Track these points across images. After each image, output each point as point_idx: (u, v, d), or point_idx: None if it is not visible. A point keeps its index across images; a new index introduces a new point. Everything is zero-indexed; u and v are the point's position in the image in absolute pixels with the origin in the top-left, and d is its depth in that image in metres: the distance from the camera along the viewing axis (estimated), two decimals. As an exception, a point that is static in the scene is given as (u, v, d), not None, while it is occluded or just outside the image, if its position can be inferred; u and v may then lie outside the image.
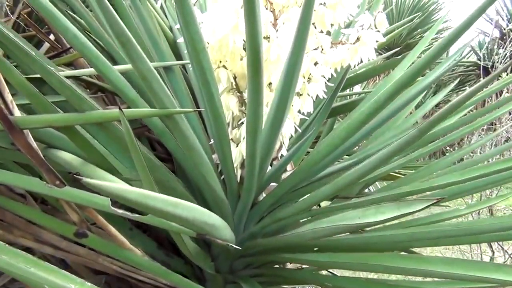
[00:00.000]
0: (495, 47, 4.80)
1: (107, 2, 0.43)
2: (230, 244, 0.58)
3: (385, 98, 0.59)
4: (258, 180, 0.79)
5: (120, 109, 0.44)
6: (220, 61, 0.83)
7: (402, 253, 0.83)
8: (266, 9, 0.77)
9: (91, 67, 0.64)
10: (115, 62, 0.89)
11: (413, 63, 1.02)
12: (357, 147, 1.05)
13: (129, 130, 0.44)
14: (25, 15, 1.11)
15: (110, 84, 0.60)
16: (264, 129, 0.70)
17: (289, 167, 0.97)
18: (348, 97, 1.34)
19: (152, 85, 0.50)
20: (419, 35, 4.20)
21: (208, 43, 0.78)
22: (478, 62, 5.02)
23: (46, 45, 1.18)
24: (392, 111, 0.66)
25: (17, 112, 0.54)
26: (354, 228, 0.57)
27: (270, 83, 0.83)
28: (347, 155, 0.99)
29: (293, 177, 0.81)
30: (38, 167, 0.54)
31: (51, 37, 1.16)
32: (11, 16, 0.90)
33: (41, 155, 0.56)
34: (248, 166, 0.74)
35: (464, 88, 5.54)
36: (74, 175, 0.59)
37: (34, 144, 0.57)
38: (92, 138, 0.60)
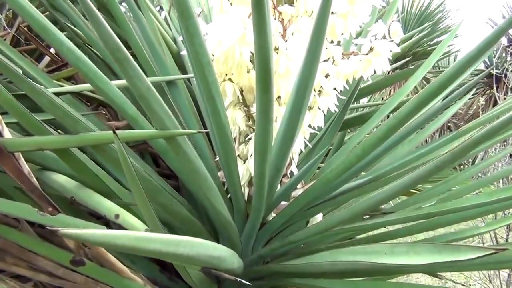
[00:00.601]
0: (504, 54, 4.74)
1: (99, 15, 0.38)
2: (238, 279, 0.53)
3: (405, 114, 0.54)
4: (267, 200, 0.74)
5: (114, 132, 0.39)
6: (226, 74, 0.79)
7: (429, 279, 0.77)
8: (275, 19, 0.72)
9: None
10: (116, 76, 0.85)
11: (431, 73, 0.97)
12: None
13: (124, 156, 0.39)
14: (25, 28, 1.08)
15: (108, 101, 0.56)
16: (274, 147, 0.66)
17: (299, 185, 0.92)
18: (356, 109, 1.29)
19: (151, 105, 0.46)
20: (426, 44, 4.15)
21: (213, 55, 0.74)
22: (488, 70, 4.97)
23: (47, 58, 1.15)
24: (412, 127, 0.61)
25: (7, 134, 0.49)
26: (380, 268, 0.52)
27: (278, 97, 0.78)
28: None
29: (305, 196, 0.76)
30: (29, 193, 0.50)
31: (52, 50, 1.13)
32: (9, 30, 0.86)
33: (32, 180, 0.51)
34: (256, 186, 0.69)
35: (471, 98, 5.47)
36: (70, 199, 0.55)
37: (26, 167, 0.53)
38: (89, 159, 0.55)
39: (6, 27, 0.87)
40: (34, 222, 0.72)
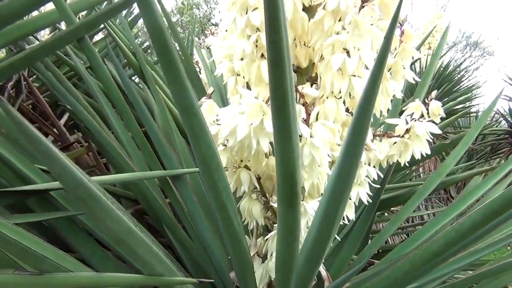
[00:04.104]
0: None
1: (49, 146, 0.28)
2: None
3: (468, 228, 0.42)
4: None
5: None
6: (241, 161, 0.69)
7: None
8: (297, 102, 0.63)
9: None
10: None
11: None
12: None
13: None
14: (29, 108, 1.02)
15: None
16: (301, 256, 0.53)
17: (326, 282, 0.78)
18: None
19: (133, 250, 0.34)
20: (447, 103, 4.05)
21: (227, 140, 0.64)
22: (511, 129, 4.81)
23: (51, 138, 1.08)
24: (473, 239, 0.48)
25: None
26: None
27: (302, 187, 0.67)
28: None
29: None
30: None
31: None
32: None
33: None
34: (278, 307, 0.56)
35: (495, 157, 5.23)
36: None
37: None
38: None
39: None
40: None
